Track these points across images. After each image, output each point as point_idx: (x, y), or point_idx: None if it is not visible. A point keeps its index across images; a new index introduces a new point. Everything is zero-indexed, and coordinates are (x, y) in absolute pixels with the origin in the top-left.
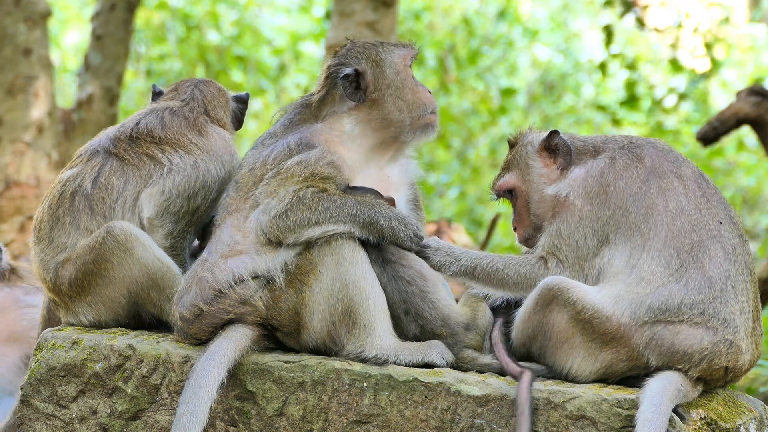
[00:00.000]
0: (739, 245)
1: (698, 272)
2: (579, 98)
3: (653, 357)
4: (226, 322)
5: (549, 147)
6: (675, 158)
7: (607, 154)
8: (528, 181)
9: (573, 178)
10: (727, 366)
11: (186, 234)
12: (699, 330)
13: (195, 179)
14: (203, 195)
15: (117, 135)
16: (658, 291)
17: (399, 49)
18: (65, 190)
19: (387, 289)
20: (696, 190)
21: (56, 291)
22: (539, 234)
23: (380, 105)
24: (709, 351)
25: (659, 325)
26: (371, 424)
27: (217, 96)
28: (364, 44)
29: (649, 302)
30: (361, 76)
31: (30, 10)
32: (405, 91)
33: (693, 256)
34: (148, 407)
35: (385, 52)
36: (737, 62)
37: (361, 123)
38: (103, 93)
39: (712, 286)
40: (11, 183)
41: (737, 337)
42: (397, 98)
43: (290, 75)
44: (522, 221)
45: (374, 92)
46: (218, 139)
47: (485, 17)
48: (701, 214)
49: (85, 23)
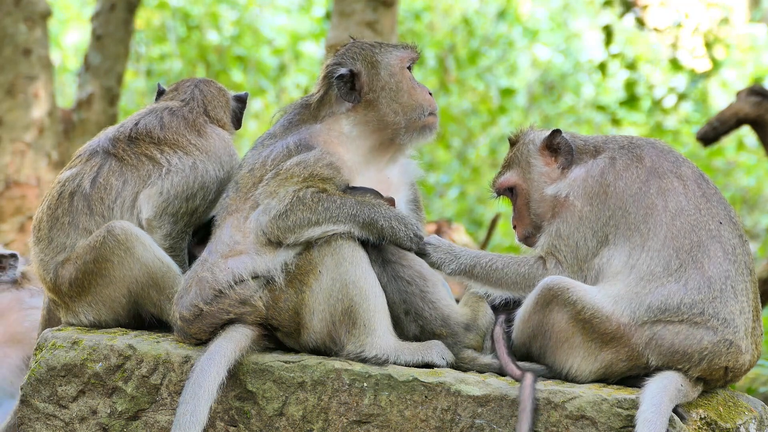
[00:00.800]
0: (739, 245)
1: (698, 272)
2: (579, 98)
3: (653, 357)
4: (226, 322)
5: (551, 146)
6: (675, 158)
7: (607, 154)
8: (528, 180)
9: (573, 178)
10: (726, 366)
11: (185, 235)
12: (699, 330)
13: (193, 180)
14: (201, 196)
15: (116, 135)
16: (657, 291)
17: (398, 50)
18: (64, 190)
19: (387, 289)
20: (696, 191)
21: (56, 291)
22: (539, 233)
23: (375, 106)
24: (709, 351)
25: (659, 325)
26: (371, 424)
27: (217, 96)
28: (363, 45)
29: (648, 302)
30: (356, 77)
31: (30, 10)
32: (400, 94)
33: (692, 256)
34: (148, 407)
35: (382, 54)
36: (737, 62)
37: (358, 124)
38: (103, 93)
39: (712, 286)
40: (11, 183)
41: (737, 337)
42: (392, 100)
43: (290, 75)
44: (522, 220)
45: (369, 93)
46: (217, 139)
47: (485, 17)
48: (701, 215)
49: (85, 23)
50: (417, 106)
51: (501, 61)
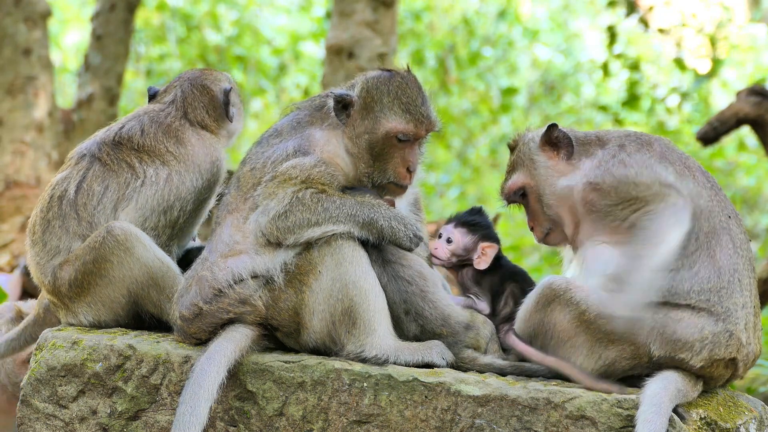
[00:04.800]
0: (745, 241)
1: (710, 260)
2: (579, 98)
3: (656, 346)
4: (226, 321)
5: (550, 140)
6: (681, 153)
7: (615, 143)
8: (536, 177)
9: (586, 168)
10: (726, 358)
11: (170, 247)
12: (701, 318)
13: (168, 192)
14: (179, 207)
15: (103, 139)
16: (669, 275)
17: (399, 119)
18: (54, 194)
19: (387, 289)
20: (705, 182)
21: (55, 293)
22: (557, 229)
23: (353, 141)
24: (710, 341)
25: (664, 309)
26: (371, 424)
27: (199, 97)
28: (379, 84)
29: (658, 284)
30: (350, 105)
31: (30, 10)
32: (373, 152)
33: (708, 241)
34: (148, 407)
35: (383, 109)
36: (737, 62)
37: (349, 140)
38: (103, 93)
39: (721, 276)
40: (11, 183)
41: (737, 329)
42: (364, 150)
43: (290, 75)
44: (537, 219)
45: (351, 126)
46: (197, 146)
47: (485, 17)
48: (713, 203)
49: (85, 23)
50: (383, 170)
51: (501, 61)
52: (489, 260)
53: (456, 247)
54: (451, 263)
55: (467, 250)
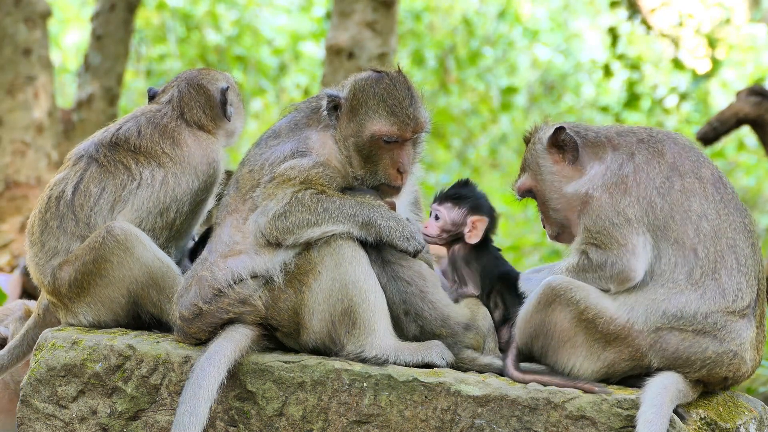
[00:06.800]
0: (750, 256)
1: (715, 283)
2: (579, 98)
3: (655, 359)
4: (226, 321)
5: (556, 144)
6: (696, 157)
7: (625, 149)
8: (542, 181)
9: (592, 174)
10: (726, 375)
11: (168, 249)
12: (705, 339)
13: (164, 194)
14: (175, 209)
15: (101, 139)
16: (675, 298)
17: (383, 121)
18: (52, 194)
19: (387, 290)
20: (714, 195)
21: (55, 293)
22: (566, 231)
23: (342, 142)
24: (712, 360)
25: (668, 331)
26: (371, 424)
27: (195, 97)
28: (366, 87)
29: (663, 308)
30: (339, 107)
31: (30, 10)
32: (361, 153)
33: (713, 266)
34: (148, 407)
35: (368, 111)
36: (737, 62)
37: (339, 142)
38: (103, 93)
39: (725, 297)
40: (11, 183)
41: (742, 348)
42: (354, 151)
43: (290, 75)
44: (547, 219)
45: (340, 128)
46: (194, 147)
47: (485, 17)
48: (720, 221)
49: (85, 23)
50: (374, 172)
51: (501, 61)
52: (480, 233)
53: (444, 222)
54: (443, 239)
55: (456, 225)
